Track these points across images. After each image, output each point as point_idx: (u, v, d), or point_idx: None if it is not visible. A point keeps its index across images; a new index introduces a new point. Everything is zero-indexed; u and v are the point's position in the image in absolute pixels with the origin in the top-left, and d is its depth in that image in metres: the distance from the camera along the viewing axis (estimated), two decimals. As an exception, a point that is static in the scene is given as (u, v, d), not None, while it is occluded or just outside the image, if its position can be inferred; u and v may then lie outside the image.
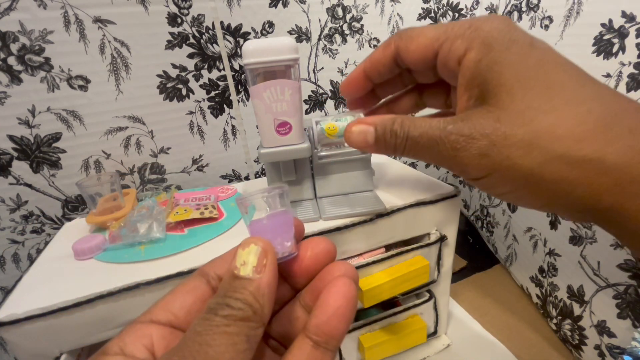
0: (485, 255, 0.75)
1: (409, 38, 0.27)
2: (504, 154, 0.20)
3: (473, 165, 0.22)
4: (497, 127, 0.21)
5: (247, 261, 0.16)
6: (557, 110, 0.20)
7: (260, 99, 0.36)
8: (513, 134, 0.20)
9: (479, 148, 0.21)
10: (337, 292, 0.16)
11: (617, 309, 0.43)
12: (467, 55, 0.23)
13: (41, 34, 0.48)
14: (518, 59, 0.21)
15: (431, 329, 0.52)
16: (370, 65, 0.30)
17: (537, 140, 0.20)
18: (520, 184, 0.21)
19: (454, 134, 0.22)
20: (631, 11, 0.39)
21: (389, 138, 0.25)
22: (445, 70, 0.26)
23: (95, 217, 0.44)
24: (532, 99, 0.20)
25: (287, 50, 0.35)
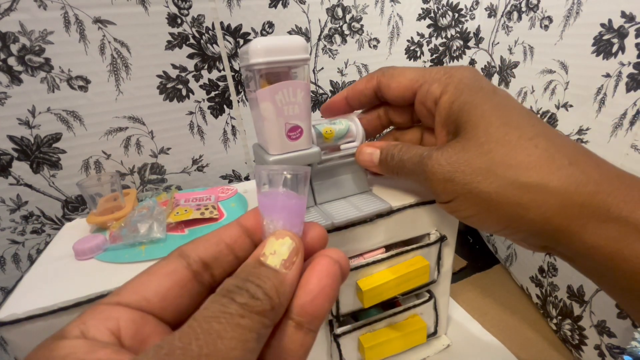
0: (485, 255, 0.75)
1: (390, 76, 0.31)
2: (466, 179, 0.24)
3: (441, 189, 0.25)
4: (461, 156, 0.25)
5: (278, 252, 0.16)
6: (511, 143, 0.24)
7: (272, 102, 0.33)
8: (474, 162, 0.24)
9: (445, 174, 0.25)
10: (320, 271, 0.16)
11: (617, 309, 0.43)
12: (443, 97, 0.28)
13: (41, 35, 0.48)
14: (483, 101, 0.26)
15: (431, 329, 0.52)
16: (353, 94, 0.35)
17: (494, 167, 0.23)
18: (482, 208, 0.24)
19: (427, 160, 0.26)
20: (631, 11, 0.39)
21: (389, 160, 0.31)
22: (423, 108, 0.31)
23: (95, 217, 0.44)
24: (492, 133, 0.24)
25: (299, 50, 0.33)
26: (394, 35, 0.73)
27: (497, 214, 0.23)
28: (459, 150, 0.25)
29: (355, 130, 0.44)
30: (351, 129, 0.44)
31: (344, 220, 0.39)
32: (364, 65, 0.72)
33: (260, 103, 0.34)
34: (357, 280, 0.42)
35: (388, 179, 0.50)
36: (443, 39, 0.79)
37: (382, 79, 0.32)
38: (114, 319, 0.15)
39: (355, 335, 0.46)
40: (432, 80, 0.29)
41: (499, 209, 0.23)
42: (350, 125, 0.44)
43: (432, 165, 0.26)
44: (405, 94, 0.31)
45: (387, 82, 0.31)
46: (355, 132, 0.44)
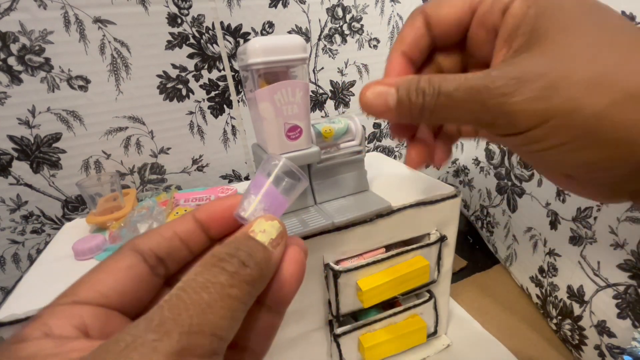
0: (485, 255, 0.75)
1: (437, 3, 0.24)
2: (566, 95, 0.17)
3: (526, 112, 0.18)
4: (554, 67, 0.18)
5: (267, 231, 0.17)
6: (623, 47, 0.18)
7: (271, 102, 0.33)
8: (575, 72, 0.17)
9: (534, 90, 0.17)
10: (290, 260, 0.17)
11: (617, 309, 0.43)
12: (514, 4, 0.21)
13: (41, 34, 0.48)
14: (571, 4, 0.19)
15: (431, 329, 0.52)
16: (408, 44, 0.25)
17: (604, 78, 0.17)
18: (580, 132, 0.17)
19: (502, 78, 0.18)
20: (631, 11, 0.39)
21: (415, 98, 0.21)
22: (482, 30, 0.23)
23: (95, 217, 0.44)
24: (592, 38, 0.18)
25: (298, 49, 0.33)
26: (394, 35, 0.73)
27: (600, 140, 0.17)
28: (550, 60, 0.18)
29: (354, 129, 0.44)
30: (350, 127, 0.44)
31: (344, 220, 0.39)
32: (364, 65, 0.72)
33: (259, 103, 0.34)
34: (357, 280, 0.42)
35: (396, 180, 0.50)
36: (443, 39, 0.79)
37: (428, 10, 0.24)
38: (77, 316, 0.14)
39: (355, 335, 0.46)
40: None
41: (605, 132, 0.17)
42: (350, 124, 0.44)
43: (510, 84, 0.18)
44: (462, 17, 0.23)
45: (434, 9, 0.24)
46: (355, 131, 0.44)
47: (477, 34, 0.23)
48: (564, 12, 0.19)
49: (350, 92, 0.73)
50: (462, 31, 0.24)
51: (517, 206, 0.63)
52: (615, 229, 0.42)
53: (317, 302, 0.43)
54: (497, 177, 0.68)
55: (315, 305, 0.43)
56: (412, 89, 0.21)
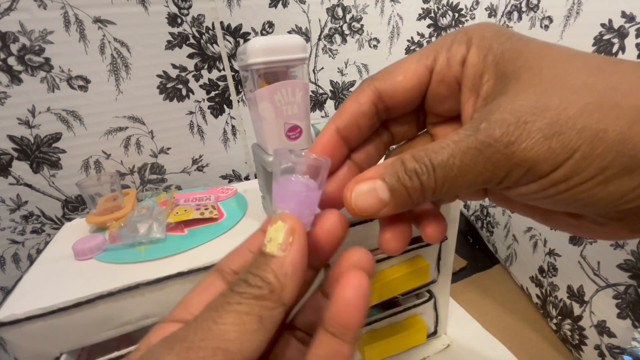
0: (485, 255, 0.75)
1: (386, 74, 0.22)
2: (578, 124, 0.15)
3: (543, 154, 0.16)
4: (547, 101, 0.16)
5: (273, 238, 0.16)
6: (605, 71, 0.16)
7: (271, 101, 0.33)
8: (573, 100, 0.16)
9: (541, 130, 0.15)
10: (348, 285, 0.16)
11: (617, 309, 0.43)
12: (470, 52, 0.20)
13: (41, 34, 0.48)
14: (527, 42, 0.18)
15: (431, 329, 0.52)
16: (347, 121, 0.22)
17: (605, 100, 0.15)
18: (609, 160, 0.15)
19: (498, 128, 0.16)
20: (631, 11, 0.39)
21: (410, 181, 0.18)
22: (443, 86, 0.21)
23: (95, 217, 0.44)
24: (570, 66, 0.17)
25: (298, 49, 0.33)
26: (394, 35, 0.73)
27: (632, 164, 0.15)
28: (541, 94, 0.16)
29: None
30: (351, 128, 0.44)
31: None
32: (364, 65, 0.72)
33: (258, 103, 0.34)
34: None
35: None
36: (443, 39, 0.79)
37: (377, 83, 0.22)
38: None
39: (355, 335, 0.46)
40: (447, 45, 0.21)
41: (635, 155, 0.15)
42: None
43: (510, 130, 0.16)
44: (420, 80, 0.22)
45: (385, 81, 0.22)
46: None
47: (438, 92, 0.22)
48: (523, 52, 0.18)
49: (350, 92, 0.73)
50: (421, 94, 0.22)
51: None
52: (615, 229, 0.42)
53: (317, 302, 0.43)
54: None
55: (315, 305, 0.43)
56: (400, 173, 0.19)
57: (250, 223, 0.43)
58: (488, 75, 0.19)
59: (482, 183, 0.17)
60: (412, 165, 0.18)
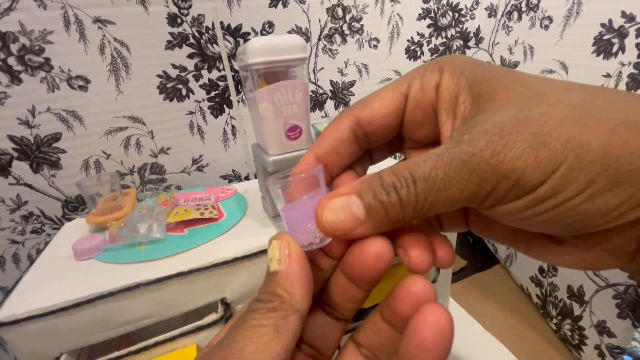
0: (485, 255, 0.75)
1: (365, 102, 0.22)
2: (563, 135, 0.15)
3: (530, 164, 0.15)
4: (527, 114, 0.16)
5: (272, 257, 0.17)
6: (583, 91, 0.16)
7: (271, 102, 0.33)
8: (552, 113, 0.16)
9: (525, 140, 0.15)
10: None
11: (617, 309, 0.43)
12: (444, 78, 0.20)
13: (41, 34, 0.48)
14: (496, 68, 0.19)
15: (431, 329, 0.52)
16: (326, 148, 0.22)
17: (583, 114, 0.16)
18: (595, 172, 0.15)
19: (482, 137, 0.16)
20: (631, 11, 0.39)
21: (387, 197, 0.17)
22: (418, 111, 0.22)
23: (95, 217, 0.44)
24: (541, 86, 0.17)
25: (297, 49, 0.33)
26: (394, 35, 0.73)
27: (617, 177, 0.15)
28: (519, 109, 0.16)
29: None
30: (351, 128, 0.44)
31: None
32: (364, 65, 0.72)
33: (258, 103, 0.34)
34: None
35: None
36: (443, 39, 0.79)
37: (356, 111, 0.22)
38: None
39: (355, 335, 0.46)
40: (420, 73, 0.21)
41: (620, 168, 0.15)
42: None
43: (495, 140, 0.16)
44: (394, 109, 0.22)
45: (363, 108, 0.22)
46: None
47: (414, 117, 0.22)
48: (495, 76, 0.18)
49: (350, 92, 0.73)
50: (398, 120, 0.22)
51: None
52: (615, 229, 0.42)
53: (317, 302, 0.43)
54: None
55: (315, 305, 0.43)
56: (377, 188, 0.17)
57: (250, 223, 0.43)
58: (464, 96, 0.19)
59: (467, 199, 0.16)
60: (390, 179, 0.17)
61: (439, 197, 0.17)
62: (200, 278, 0.35)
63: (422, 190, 0.17)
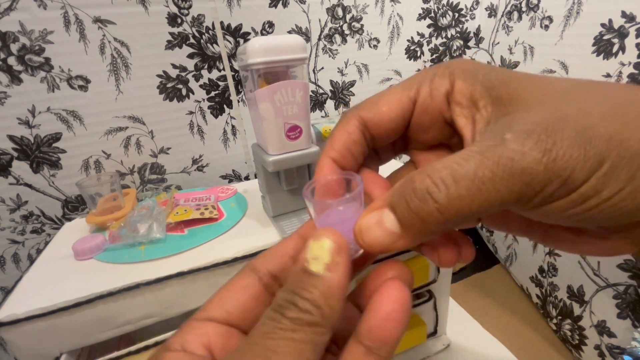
0: (485, 255, 0.75)
1: (371, 104, 0.22)
2: (605, 132, 0.15)
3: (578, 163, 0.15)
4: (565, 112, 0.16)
5: (319, 256, 0.15)
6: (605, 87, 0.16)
7: (271, 102, 0.33)
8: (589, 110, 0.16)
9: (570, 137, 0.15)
10: (390, 296, 0.15)
11: (617, 309, 0.43)
12: (457, 84, 0.20)
13: (41, 34, 0.48)
14: (509, 71, 0.19)
15: (431, 329, 0.52)
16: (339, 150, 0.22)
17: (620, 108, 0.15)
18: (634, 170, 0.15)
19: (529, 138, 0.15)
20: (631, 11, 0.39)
21: (420, 205, 0.16)
22: (425, 117, 0.21)
23: (95, 217, 0.44)
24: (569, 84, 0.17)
25: (298, 49, 0.33)
26: (394, 35, 0.73)
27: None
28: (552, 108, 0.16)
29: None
30: (351, 128, 0.44)
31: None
32: (364, 65, 0.72)
33: (259, 103, 0.34)
34: (357, 280, 0.42)
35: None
36: (443, 39, 0.79)
37: (363, 113, 0.22)
38: (205, 335, 0.16)
39: (355, 335, 0.46)
40: (429, 77, 0.21)
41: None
42: (350, 125, 0.44)
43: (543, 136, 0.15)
44: (401, 113, 0.22)
45: (370, 111, 0.22)
46: (355, 132, 0.44)
47: (421, 121, 0.22)
48: (511, 79, 0.18)
49: (350, 92, 0.73)
50: (404, 124, 0.22)
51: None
52: (615, 229, 0.42)
53: (317, 302, 0.43)
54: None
55: (315, 305, 0.43)
56: (409, 196, 0.16)
57: (250, 223, 0.43)
58: (484, 101, 0.19)
59: (515, 200, 0.15)
60: (423, 184, 0.15)
61: (488, 198, 0.15)
62: (200, 278, 0.35)
63: (468, 191, 0.15)
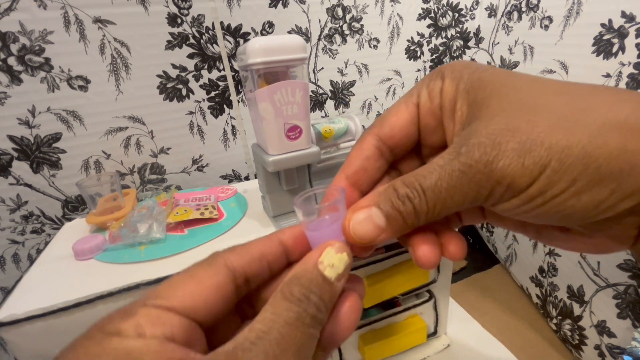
0: (485, 255, 0.75)
1: (382, 119, 0.24)
2: (546, 142, 0.17)
3: (518, 171, 0.18)
4: (515, 122, 0.18)
5: (335, 265, 0.18)
6: (563, 93, 0.18)
7: (271, 102, 0.33)
8: (538, 120, 0.18)
9: (514, 149, 0.18)
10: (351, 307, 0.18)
11: (617, 309, 0.43)
12: (445, 84, 0.22)
13: (41, 35, 0.48)
14: (492, 72, 0.21)
15: (431, 329, 0.52)
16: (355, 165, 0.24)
17: (568, 117, 0.17)
18: (577, 173, 0.17)
19: (476, 150, 0.18)
20: (631, 11, 0.39)
21: (403, 206, 0.20)
22: (430, 117, 0.24)
23: (95, 217, 0.44)
24: (531, 91, 0.19)
25: (297, 49, 0.33)
26: (394, 35, 0.73)
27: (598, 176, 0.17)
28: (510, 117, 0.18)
29: (354, 129, 0.44)
30: (350, 127, 0.44)
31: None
32: (364, 65, 0.72)
33: (258, 103, 0.34)
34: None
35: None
36: (443, 39, 0.79)
37: (375, 129, 0.24)
38: (168, 325, 0.16)
39: (356, 335, 0.46)
40: (427, 82, 0.23)
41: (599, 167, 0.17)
42: (350, 124, 0.44)
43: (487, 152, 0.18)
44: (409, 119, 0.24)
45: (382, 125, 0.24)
46: (355, 131, 0.44)
47: (428, 123, 0.24)
48: (490, 81, 0.20)
49: (350, 92, 0.73)
50: (415, 129, 0.24)
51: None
52: (615, 229, 0.42)
53: (317, 302, 0.43)
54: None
55: (315, 305, 0.43)
56: (394, 199, 0.20)
57: (250, 223, 0.43)
58: (460, 102, 0.21)
59: (470, 202, 0.19)
60: (403, 190, 0.20)
61: (445, 203, 0.19)
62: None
63: (432, 199, 0.19)
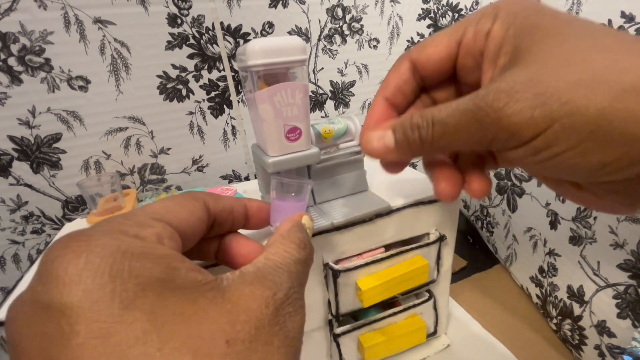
0: (485, 255, 0.75)
1: (422, 46, 0.25)
2: (563, 97, 0.17)
3: (525, 121, 0.17)
4: (542, 74, 0.17)
5: (308, 226, 0.26)
6: (607, 50, 0.17)
7: (270, 103, 0.33)
8: (565, 75, 0.17)
9: (527, 99, 0.17)
10: None
11: (617, 309, 0.43)
12: (495, 26, 0.21)
13: (41, 35, 0.48)
14: (550, 18, 0.19)
15: (431, 329, 0.52)
16: (391, 89, 0.26)
17: (597, 77, 0.16)
18: (586, 134, 0.17)
19: (491, 94, 0.18)
20: (630, 11, 0.39)
21: (411, 134, 0.21)
22: (469, 58, 0.23)
23: (95, 218, 0.44)
24: (575, 45, 0.18)
25: (297, 50, 0.33)
26: (394, 36, 0.73)
27: (608, 138, 0.16)
28: (539, 68, 0.18)
29: (354, 129, 0.44)
30: (350, 128, 0.44)
31: (343, 220, 0.39)
32: (364, 65, 0.72)
33: (258, 105, 0.34)
34: (357, 280, 0.42)
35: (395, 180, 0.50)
36: (443, 39, 0.79)
37: (413, 55, 0.25)
38: (176, 241, 0.19)
39: (355, 335, 0.46)
40: (476, 19, 0.22)
41: (612, 129, 0.16)
42: (349, 125, 0.44)
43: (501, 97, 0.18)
44: (449, 52, 0.24)
45: (419, 53, 0.24)
46: (354, 131, 0.44)
47: (465, 63, 0.24)
48: (542, 28, 0.19)
49: (350, 92, 0.73)
50: (451, 65, 0.25)
51: (517, 206, 0.63)
52: (615, 228, 0.42)
53: (316, 302, 0.43)
54: (497, 177, 0.68)
55: (315, 304, 0.43)
56: (406, 126, 0.22)
57: (250, 223, 0.43)
58: (506, 47, 0.21)
59: (475, 143, 0.20)
60: (416, 120, 0.21)
61: (449, 139, 0.21)
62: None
63: (438, 132, 0.21)
